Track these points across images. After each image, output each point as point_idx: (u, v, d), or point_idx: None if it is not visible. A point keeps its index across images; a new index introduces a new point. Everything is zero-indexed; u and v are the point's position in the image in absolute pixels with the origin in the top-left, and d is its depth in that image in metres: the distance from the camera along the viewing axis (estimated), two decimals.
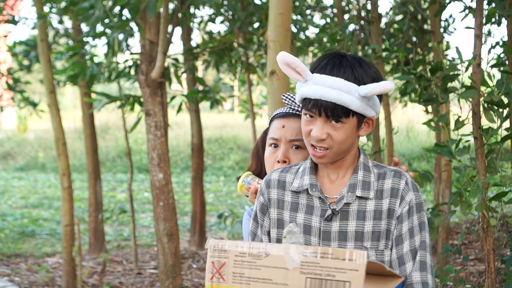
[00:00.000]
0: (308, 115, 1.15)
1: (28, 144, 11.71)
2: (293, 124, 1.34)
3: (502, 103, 2.03)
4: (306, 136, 1.16)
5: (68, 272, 3.84)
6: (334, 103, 1.12)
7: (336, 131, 1.14)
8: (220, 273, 1.03)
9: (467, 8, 2.57)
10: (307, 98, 1.14)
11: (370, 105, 1.16)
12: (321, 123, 1.13)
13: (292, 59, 1.14)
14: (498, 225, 3.28)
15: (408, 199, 1.17)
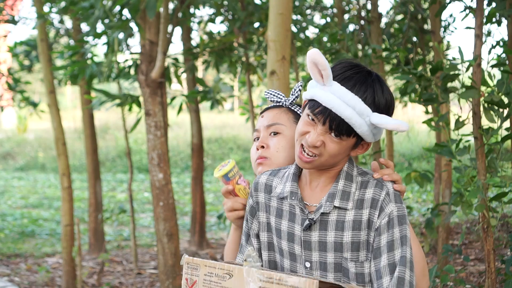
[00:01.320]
0: (310, 117, 1.12)
1: (28, 144, 11.71)
2: (271, 113, 1.34)
3: (502, 103, 2.02)
4: (300, 135, 1.13)
5: (68, 272, 3.84)
6: (342, 120, 1.09)
7: (332, 143, 1.11)
8: None
9: (467, 8, 2.57)
10: (317, 102, 1.11)
11: (374, 132, 1.14)
12: (320, 130, 1.11)
13: (322, 59, 1.11)
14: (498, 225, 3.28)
15: (388, 211, 1.12)
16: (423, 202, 6.54)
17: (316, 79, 1.13)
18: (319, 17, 4.63)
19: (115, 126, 11.85)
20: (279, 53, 2.15)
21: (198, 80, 4.47)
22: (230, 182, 1.32)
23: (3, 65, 5.50)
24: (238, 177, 1.32)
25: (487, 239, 2.08)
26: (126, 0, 2.93)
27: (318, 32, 4.09)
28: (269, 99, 1.37)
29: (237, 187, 1.32)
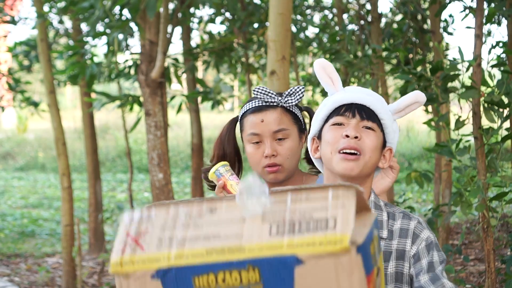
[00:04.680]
0: (337, 123, 1.12)
1: (28, 144, 11.70)
2: (272, 116, 1.31)
3: (502, 103, 2.02)
4: (333, 144, 1.10)
5: (68, 272, 3.83)
6: (368, 108, 1.12)
7: (368, 137, 1.10)
8: (137, 241, 0.77)
9: (467, 8, 2.57)
10: (339, 106, 1.13)
11: (394, 129, 1.15)
12: (354, 124, 1.11)
13: (329, 64, 1.15)
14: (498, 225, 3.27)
15: (424, 236, 1.09)
16: (423, 202, 6.54)
17: (327, 85, 1.16)
18: (319, 17, 4.63)
19: (115, 126, 11.85)
20: (279, 53, 2.15)
21: (198, 81, 4.47)
22: (221, 178, 1.32)
23: (3, 66, 5.50)
24: (229, 174, 1.32)
25: (487, 239, 2.08)
26: (126, 0, 2.93)
27: (318, 32, 4.10)
28: (262, 99, 1.32)
29: (228, 182, 1.32)
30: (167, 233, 0.78)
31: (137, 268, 0.75)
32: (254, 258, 0.73)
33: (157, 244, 0.77)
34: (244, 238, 0.75)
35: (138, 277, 0.75)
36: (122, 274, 0.75)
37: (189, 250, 0.75)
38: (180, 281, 0.74)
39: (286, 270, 0.72)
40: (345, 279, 0.71)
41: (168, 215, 0.80)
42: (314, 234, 0.73)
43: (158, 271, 0.75)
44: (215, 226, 0.78)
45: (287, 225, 0.75)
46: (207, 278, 0.74)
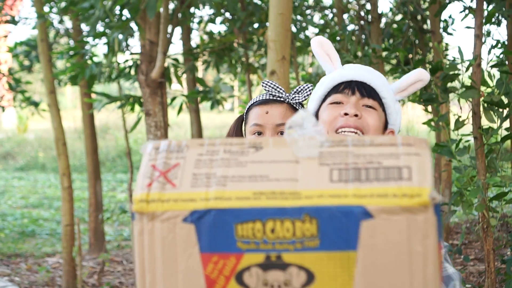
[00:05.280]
0: (335, 102, 1.04)
1: (28, 144, 11.70)
2: (277, 110, 1.30)
3: (502, 103, 2.02)
4: (331, 123, 1.02)
5: (68, 272, 3.84)
6: (368, 85, 1.04)
7: (369, 116, 1.02)
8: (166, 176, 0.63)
9: (467, 8, 2.57)
10: (337, 84, 1.05)
11: (397, 109, 1.08)
12: (354, 102, 1.03)
13: (327, 42, 1.08)
14: (498, 225, 3.27)
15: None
16: None
17: (325, 64, 1.09)
18: (319, 17, 4.63)
19: (115, 126, 11.85)
20: (279, 53, 2.15)
21: (198, 80, 4.47)
22: None
23: (4, 66, 5.50)
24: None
25: (487, 239, 2.08)
26: (126, 0, 2.93)
27: (318, 32, 4.09)
28: (269, 92, 1.32)
29: None
30: (203, 169, 0.63)
31: (167, 207, 0.61)
32: (313, 206, 0.60)
33: (191, 182, 0.63)
34: (299, 182, 0.61)
35: (167, 218, 0.61)
36: (147, 213, 0.61)
37: (231, 191, 0.61)
38: (219, 227, 0.61)
39: (350, 224, 0.60)
40: (418, 243, 0.59)
41: (202, 149, 0.65)
42: (385, 185, 0.60)
43: (192, 213, 0.61)
44: (262, 165, 0.63)
45: (351, 172, 0.62)
46: (252, 226, 0.60)
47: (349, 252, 0.61)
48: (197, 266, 0.62)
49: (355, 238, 0.60)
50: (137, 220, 0.63)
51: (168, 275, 0.62)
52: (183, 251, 0.62)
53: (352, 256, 0.61)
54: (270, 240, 0.61)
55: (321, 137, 0.64)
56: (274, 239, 0.61)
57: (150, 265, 0.63)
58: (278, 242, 0.61)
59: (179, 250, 0.62)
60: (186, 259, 0.62)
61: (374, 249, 0.60)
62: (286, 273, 0.61)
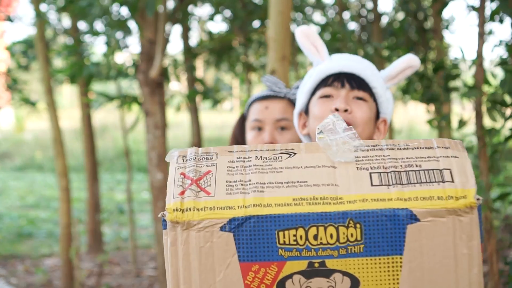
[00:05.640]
0: (325, 96, 1.02)
1: (26, 144, 11.66)
2: (277, 105, 1.29)
3: (505, 102, 2.00)
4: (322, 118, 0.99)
5: (66, 273, 3.80)
6: (358, 76, 1.01)
7: (359, 109, 1.00)
8: (198, 184, 0.61)
9: (469, 7, 2.54)
10: (326, 77, 1.02)
11: (388, 97, 1.06)
12: (343, 95, 1.00)
13: (312, 32, 1.05)
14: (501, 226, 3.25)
15: None
16: None
17: (312, 55, 1.06)
18: (320, 15, 4.61)
19: (113, 126, 11.82)
20: (279, 52, 2.12)
21: (198, 80, 4.44)
22: None
23: (1, 65, 5.47)
24: None
25: (490, 240, 2.06)
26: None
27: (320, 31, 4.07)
28: (270, 88, 1.32)
29: None
30: (237, 177, 0.61)
31: (203, 216, 0.59)
32: (357, 210, 0.59)
33: (226, 189, 0.60)
34: (340, 187, 0.59)
35: (203, 227, 0.60)
36: (182, 222, 0.59)
37: (270, 197, 0.58)
38: (259, 235, 0.59)
39: (396, 227, 0.59)
40: (464, 245, 0.59)
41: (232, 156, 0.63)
42: (428, 187, 0.59)
43: (230, 220, 0.59)
44: (299, 171, 0.61)
45: (392, 175, 0.61)
46: (295, 233, 0.58)
47: (394, 256, 0.60)
48: (236, 275, 0.60)
49: (400, 242, 0.59)
50: (170, 230, 0.60)
51: (205, 285, 0.60)
52: (221, 260, 0.60)
53: (397, 260, 0.60)
54: (313, 247, 0.60)
55: (354, 141, 0.63)
56: (317, 246, 0.60)
57: (186, 276, 0.60)
58: (321, 249, 0.60)
59: (216, 259, 0.60)
60: (225, 269, 0.60)
61: (420, 253, 0.59)
62: (330, 280, 0.60)
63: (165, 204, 0.60)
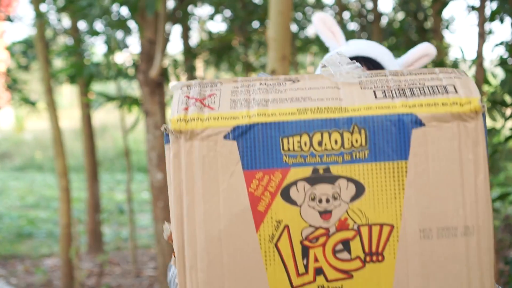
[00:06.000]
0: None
1: (25, 144, 11.66)
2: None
3: (505, 102, 2.00)
4: None
5: (66, 273, 3.80)
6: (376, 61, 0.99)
7: None
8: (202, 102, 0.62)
9: (469, 7, 2.54)
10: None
11: None
12: None
13: (329, 17, 1.05)
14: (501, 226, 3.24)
15: None
16: None
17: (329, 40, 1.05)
18: None
19: (113, 126, 11.82)
20: (280, 52, 2.12)
21: None
22: None
23: (1, 65, 5.47)
24: None
25: None
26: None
27: None
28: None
29: None
30: (242, 96, 0.61)
31: (207, 125, 0.59)
32: (362, 116, 0.59)
33: (230, 105, 0.60)
34: (344, 101, 0.60)
35: (207, 136, 0.59)
36: (185, 131, 0.59)
37: (274, 109, 0.59)
38: (263, 142, 0.59)
39: (401, 132, 0.59)
40: (470, 150, 0.59)
41: (236, 83, 0.64)
42: (433, 97, 0.59)
43: (234, 128, 0.59)
44: (303, 91, 0.62)
45: (395, 90, 0.61)
46: (299, 139, 0.59)
47: (399, 161, 0.60)
48: (240, 183, 0.60)
49: (405, 147, 0.59)
50: (173, 142, 0.60)
51: (209, 195, 0.60)
52: (225, 169, 0.60)
53: (402, 166, 0.60)
54: (317, 153, 0.60)
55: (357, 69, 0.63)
56: (322, 152, 0.60)
57: (189, 187, 0.60)
58: (326, 155, 0.60)
59: (220, 168, 0.60)
60: (228, 177, 0.60)
61: (425, 158, 0.59)
62: (335, 186, 0.60)
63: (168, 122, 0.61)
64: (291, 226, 0.60)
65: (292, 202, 0.60)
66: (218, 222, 0.60)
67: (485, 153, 0.60)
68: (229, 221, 0.60)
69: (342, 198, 0.61)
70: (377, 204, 0.60)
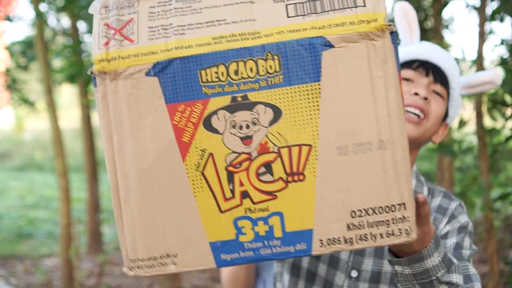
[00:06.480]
0: (406, 78, 0.99)
1: (25, 144, 11.66)
2: None
3: (505, 102, 2.00)
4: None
5: (66, 274, 3.79)
6: (442, 71, 0.99)
7: (436, 103, 0.98)
8: (122, 33, 0.63)
9: (470, 6, 2.54)
10: (412, 60, 0.99)
11: (459, 104, 1.04)
12: (425, 83, 0.98)
13: (412, 11, 1.03)
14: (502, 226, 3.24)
15: (462, 220, 0.95)
16: None
17: (404, 34, 1.03)
18: None
19: None
20: None
21: None
22: None
23: (1, 64, 5.46)
24: None
25: (490, 241, 2.05)
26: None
27: None
28: None
29: None
30: (159, 21, 0.63)
31: (129, 63, 0.62)
32: (274, 43, 0.62)
33: (149, 35, 0.63)
34: (257, 21, 0.62)
35: (130, 74, 0.62)
36: (109, 72, 0.62)
37: (191, 39, 0.62)
38: (183, 76, 0.62)
39: (311, 55, 0.62)
40: (379, 68, 0.62)
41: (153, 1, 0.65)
42: (342, 13, 0.62)
43: (155, 65, 0.62)
44: (218, 9, 0.63)
45: (307, 4, 0.63)
46: (216, 70, 0.62)
47: (313, 84, 0.63)
48: (164, 117, 0.63)
49: (317, 69, 0.62)
50: (99, 84, 0.63)
51: (136, 131, 0.64)
52: (149, 105, 0.63)
53: (316, 87, 0.63)
54: (234, 82, 0.63)
55: None
56: (239, 80, 0.63)
57: (117, 125, 0.64)
58: (242, 83, 0.63)
59: (144, 104, 0.63)
60: (153, 112, 0.63)
61: (336, 78, 0.63)
62: (253, 112, 0.63)
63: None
64: (215, 154, 0.64)
65: (214, 131, 0.63)
66: (147, 156, 0.64)
67: (395, 69, 0.63)
68: (157, 154, 0.64)
69: (261, 123, 0.63)
70: (294, 126, 0.63)
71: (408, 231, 0.64)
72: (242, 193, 0.64)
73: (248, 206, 0.64)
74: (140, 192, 0.65)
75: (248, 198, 0.64)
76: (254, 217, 0.64)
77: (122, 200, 0.67)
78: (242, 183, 0.64)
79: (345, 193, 0.64)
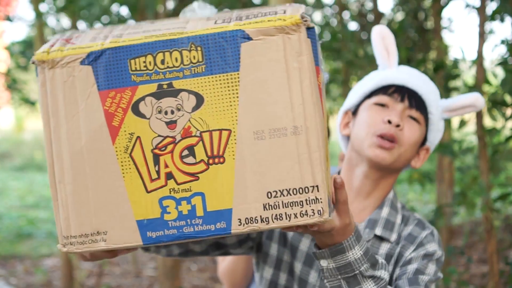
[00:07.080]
0: (380, 104, 0.98)
1: (25, 144, 11.66)
2: None
3: (505, 102, 2.00)
4: (372, 126, 0.96)
5: (66, 273, 3.79)
6: (419, 96, 0.98)
7: (410, 129, 0.97)
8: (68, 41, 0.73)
9: (469, 6, 2.54)
10: (388, 85, 0.99)
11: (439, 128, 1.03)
12: (400, 110, 0.97)
13: (389, 34, 1.02)
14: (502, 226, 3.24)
15: (429, 249, 0.93)
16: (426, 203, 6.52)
17: (381, 58, 1.03)
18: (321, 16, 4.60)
19: None
20: None
21: None
22: None
23: (1, 64, 5.46)
24: None
25: (490, 241, 2.05)
26: None
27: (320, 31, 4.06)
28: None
29: None
30: (102, 35, 0.73)
31: (66, 54, 0.70)
32: (197, 35, 0.69)
33: (90, 40, 0.72)
34: (187, 28, 0.71)
35: (66, 63, 0.69)
36: (47, 61, 0.70)
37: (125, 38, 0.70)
38: (114, 64, 0.69)
39: (231, 47, 0.68)
40: (294, 59, 0.68)
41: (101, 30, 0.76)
42: (263, 18, 0.70)
43: (89, 55, 0.69)
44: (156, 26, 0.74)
45: (234, 19, 0.71)
46: (144, 60, 0.69)
47: (232, 73, 0.69)
48: (96, 103, 0.70)
49: (236, 59, 0.69)
50: (40, 73, 0.71)
51: (70, 115, 0.70)
52: (82, 91, 0.70)
53: (235, 77, 0.69)
54: (161, 70, 0.69)
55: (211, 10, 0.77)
56: (165, 69, 0.69)
57: (54, 110, 0.70)
58: (168, 71, 0.69)
59: (79, 91, 0.70)
60: (86, 98, 0.70)
61: (254, 68, 0.69)
62: (178, 98, 0.69)
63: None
64: (142, 137, 0.70)
65: (142, 116, 0.70)
66: (80, 139, 0.70)
67: (310, 61, 0.69)
68: (89, 137, 0.70)
69: (184, 109, 0.69)
70: (215, 112, 0.69)
71: (320, 212, 0.68)
72: (167, 174, 0.69)
73: (172, 187, 0.69)
74: (73, 172, 0.70)
75: (173, 179, 0.70)
76: (178, 197, 0.69)
77: (57, 180, 0.71)
78: (167, 165, 0.69)
79: (262, 175, 0.68)
